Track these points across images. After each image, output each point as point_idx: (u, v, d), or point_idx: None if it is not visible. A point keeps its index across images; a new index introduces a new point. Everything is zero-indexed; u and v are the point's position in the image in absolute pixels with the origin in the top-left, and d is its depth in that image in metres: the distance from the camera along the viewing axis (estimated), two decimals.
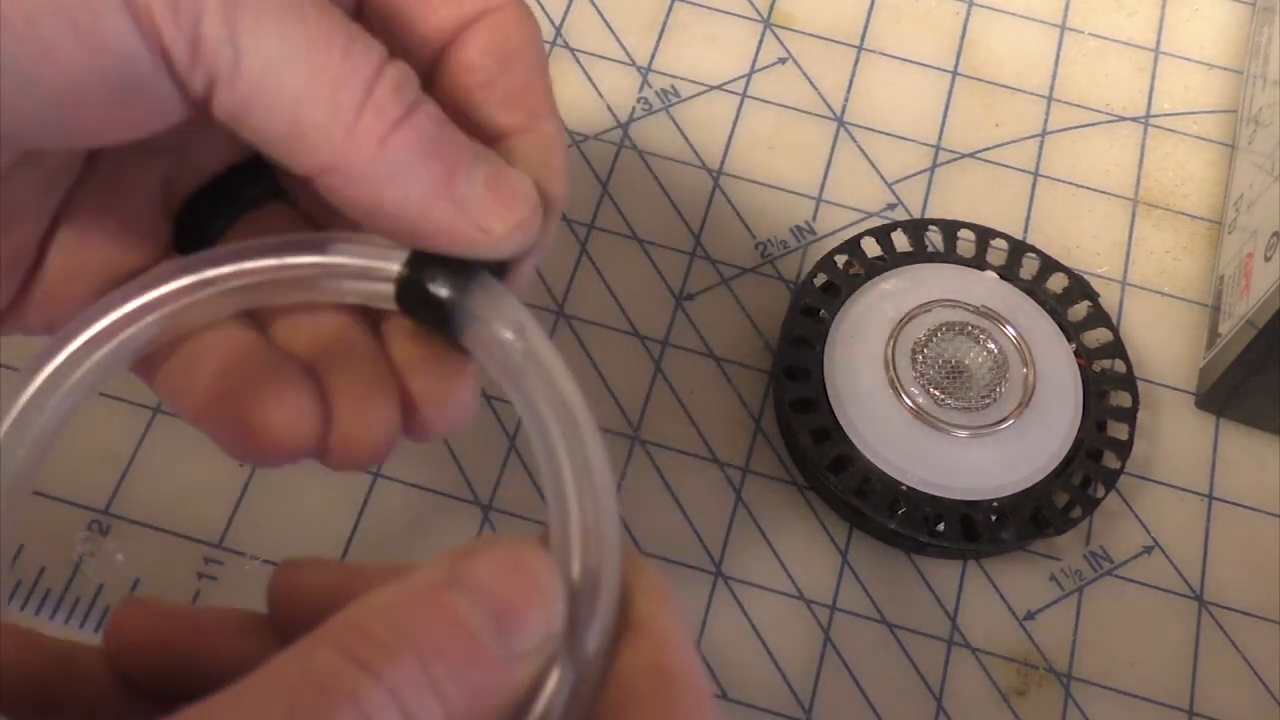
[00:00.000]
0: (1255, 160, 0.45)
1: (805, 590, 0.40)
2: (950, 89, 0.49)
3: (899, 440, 0.40)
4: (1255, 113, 0.47)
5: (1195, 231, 0.47)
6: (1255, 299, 0.40)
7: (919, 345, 0.41)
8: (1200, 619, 0.40)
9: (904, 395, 0.40)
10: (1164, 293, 0.46)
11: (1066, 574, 0.41)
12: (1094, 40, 0.51)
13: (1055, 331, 0.42)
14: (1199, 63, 0.51)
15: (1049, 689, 0.39)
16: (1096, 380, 0.42)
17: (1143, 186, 0.48)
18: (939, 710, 0.38)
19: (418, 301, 0.24)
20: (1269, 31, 0.48)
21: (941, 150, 0.48)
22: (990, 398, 0.40)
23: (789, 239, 0.45)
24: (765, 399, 0.43)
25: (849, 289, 0.42)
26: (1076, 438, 0.41)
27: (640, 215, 0.46)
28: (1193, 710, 0.39)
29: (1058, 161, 0.48)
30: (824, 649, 0.39)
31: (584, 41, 0.49)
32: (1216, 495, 0.42)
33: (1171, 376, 0.44)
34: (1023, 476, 0.40)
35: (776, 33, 0.50)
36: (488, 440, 0.41)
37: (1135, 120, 0.49)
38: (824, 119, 0.48)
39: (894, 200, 0.47)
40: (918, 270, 0.43)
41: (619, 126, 0.47)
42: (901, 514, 0.39)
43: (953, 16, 0.51)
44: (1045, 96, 0.49)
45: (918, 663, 0.39)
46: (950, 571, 0.40)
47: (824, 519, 0.41)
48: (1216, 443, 0.43)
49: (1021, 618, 0.40)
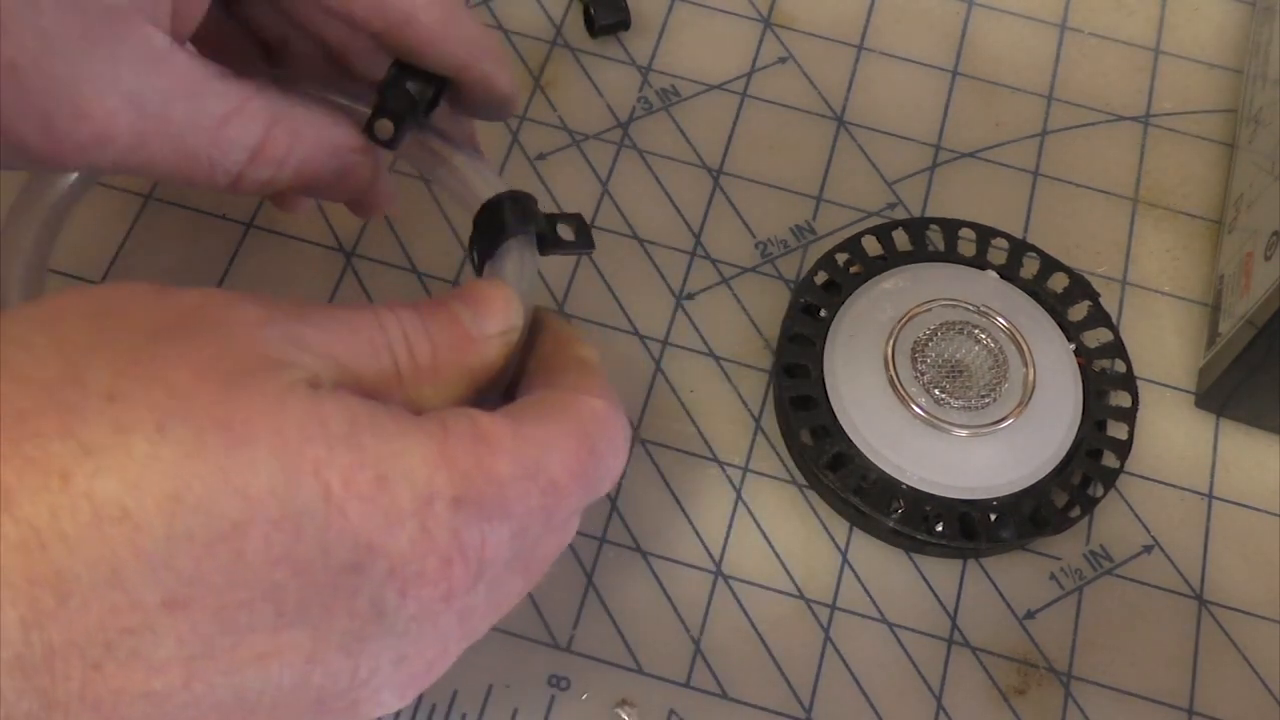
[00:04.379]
0: (1255, 160, 0.45)
1: (805, 590, 0.40)
2: (950, 89, 0.49)
3: (899, 439, 0.40)
4: (1255, 112, 0.47)
5: (1195, 231, 0.47)
6: (1255, 298, 0.40)
7: (919, 344, 0.41)
8: (1200, 618, 0.40)
9: (904, 394, 0.40)
10: (1164, 292, 0.46)
11: (1066, 573, 0.41)
12: (1094, 40, 0.51)
13: (1055, 331, 0.42)
14: (1199, 62, 0.51)
15: (1049, 688, 0.39)
16: (1096, 380, 0.42)
17: (1143, 186, 0.48)
18: (939, 709, 0.38)
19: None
20: (1269, 31, 0.48)
21: (942, 150, 0.48)
22: (990, 397, 0.40)
23: (789, 238, 0.46)
24: (765, 398, 0.43)
25: (849, 288, 0.42)
26: (1076, 437, 0.41)
27: (640, 215, 0.46)
28: (1193, 709, 0.39)
29: (1058, 161, 0.48)
30: (824, 648, 0.39)
31: (584, 41, 0.49)
32: (1216, 494, 0.42)
33: (1171, 376, 0.44)
34: (1022, 476, 0.40)
35: (776, 32, 0.50)
36: None
37: (1135, 120, 0.49)
38: (824, 119, 0.48)
39: (894, 199, 0.47)
40: (918, 269, 0.43)
41: (619, 126, 0.47)
42: (901, 513, 0.39)
43: (953, 16, 0.51)
44: (1045, 96, 0.49)
45: (918, 662, 0.39)
46: (950, 570, 0.40)
47: (824, 518, 0.41)
48: (1216, 442, 0.43)
49: (1021, 617, 0.40)
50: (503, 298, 0.30)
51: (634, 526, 0.40)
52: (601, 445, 0.29)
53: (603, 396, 0.29)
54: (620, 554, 0.40)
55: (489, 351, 0.29)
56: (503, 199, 0.33)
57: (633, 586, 0.39)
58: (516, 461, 0.27)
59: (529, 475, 0.27)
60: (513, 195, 0.33)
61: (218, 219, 0.44)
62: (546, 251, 0.33)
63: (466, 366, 0.29)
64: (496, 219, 0.33)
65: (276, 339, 0.25)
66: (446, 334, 0.28)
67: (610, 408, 0.29)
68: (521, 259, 0.32)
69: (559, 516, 0.28)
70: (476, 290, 0.30)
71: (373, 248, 0.44)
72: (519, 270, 0.32)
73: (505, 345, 0.30)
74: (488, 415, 0.27)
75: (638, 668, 0.38)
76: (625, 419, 0.30)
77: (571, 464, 0.28)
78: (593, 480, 0.29)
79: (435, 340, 0.28)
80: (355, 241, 0.44)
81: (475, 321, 0.29)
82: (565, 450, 0.28)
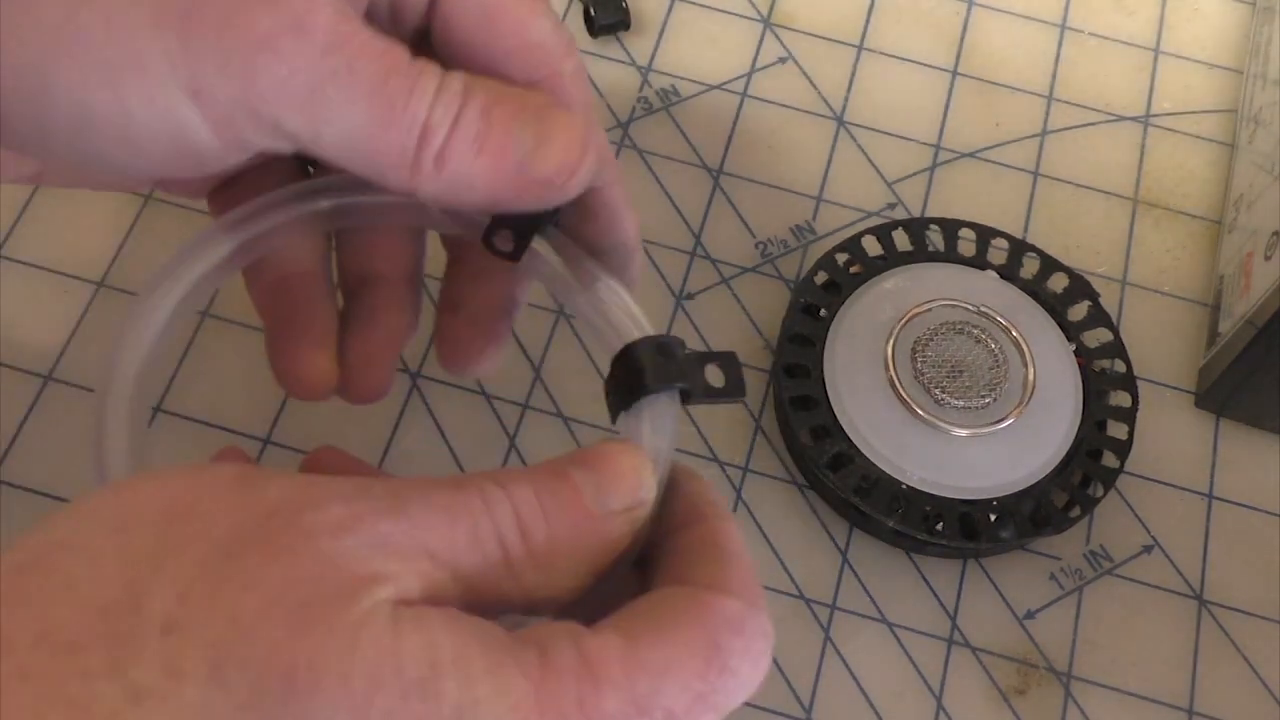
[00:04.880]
0: (1255, 160, 0.45)
1: (805, 590, 0.40)
2: (950, 89, 0.49)
3: (899, 439, 0.40)
4: (1255, 112, 0.47)
5: (1195, 231, 0.47)
6: (1255, 298, 0.40)
7: (919, 344, 0.41)
8: (1200, 618, 0.40)
9: (904, 394, 0.40)
10: (1164, 292, 0.46)
11: (1066, 573, 0.41)
12: (1094, 40, 0.51)
13: (1055, 331, 0.42)
14: (1199, 62, 0.51)
15: (1049, 688, 0.39)
16: (1096, 380, 0.42)
17: (1143, 186, 0.48)
18: (939, 709, 0.38)
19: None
20: (1269, 31, 0.48)
21: (942, 150, 0.48)
22: (990, 397, 0.40)
23: (789, 238, 0.46)
24: (765, 398, 0.43)
25: (849, 288, 0.42)
26: (1076, 437, 0.41)
27: (640, 215, 0.45)
28: (1192, 710, 0.39)
29: (1058, 161, 0.48)
30: (824, 649, 0.39)
31: (584, 41, 0.49)
32: (1216, 495, 0.42)
33: (1171, 376, 0.44)
34: (1022, 476, 0.40)
35: (776, 32, 0.50)
36: (489, 439, 0.41)
37: (1135, 120, 0.49)
38: (824, 118, 0.48)
39: (894, 199, 0.47)
40: (918, 269, 0.43)
41: (619, 126, 0.47)
42: (901, 513, 0.39)
43: (953, 16, 0.51)
44: (1045, 96, 0.49)
45: (918, 662, 0.39)
46: (950, 571, 0.40)
47: (824, 518, 0.41)
48: (1216, 442, 0.43)
49: (1021, 617, 0.40)
50: (633, 468, 0.26)
51: None
52: (735, 660, 0.24)
53: (742, 595, 0.25)
54: None
55: (613, 531, 0.26)
56: (643, 348, 0.29)
57: None
58: (627, 697, 0.23)
59: (641, 712, 0.23)
60: (658, 343, 0.29)
61: None
62: (691, 403, 0.29)
63: (586, 549, 0.25)
64: (635, 370, 0.28)
65: (362, 549, 0.23)
66: (566, 513, 0.25)
67: (748, 611, 0.25)
68: (659, 418, 0.28)
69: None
70: (603, 457, 0.26)
71: None
72: (655, 431, 0.28)
73: (632, 523, 0.26)
74: (597, 638, 0.23)
75: None
76: (767, 621, 0.25)
77: (696, 689, 0.24)
78: (722, 702, 0.25)
79: (552, 520, 0.25)
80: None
81: (599, 497, 0.25)
82: (689, 672, 0.24)
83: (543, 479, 0.25)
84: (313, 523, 0.23)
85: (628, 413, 0.28)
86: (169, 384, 0.41)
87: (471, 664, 0.22)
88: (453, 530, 0.24)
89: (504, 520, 0.24)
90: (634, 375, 0.28)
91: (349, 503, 0.23)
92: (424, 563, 0.23)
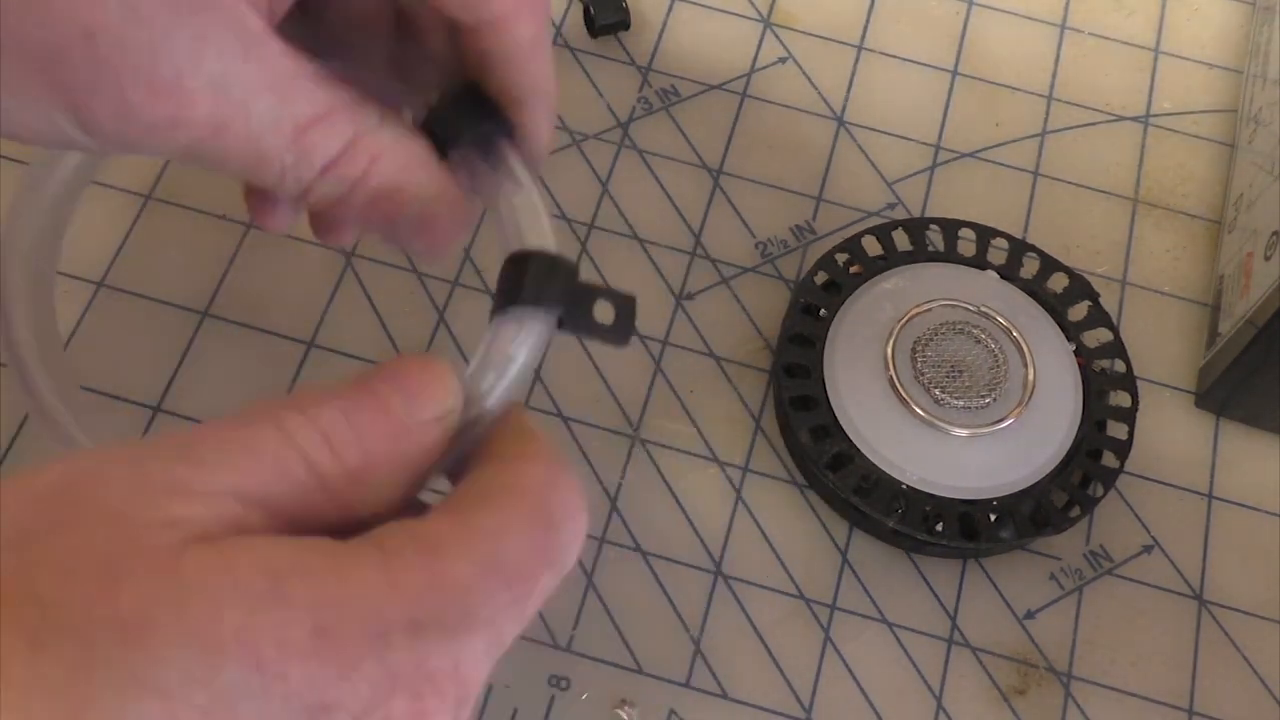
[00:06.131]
0: (1255, 160, 0.45)
1: (805, 590, 0.40)
2: (950, 89, 0.49)
3: (899, 439, 0.40)
4: (1255, 112, 0.47)
5: (1195, 231, 0.47)
6: (1255, 298, 0.40)
7: (919, 344, 0.41)
8: (1200, 618, 0.40)
9: (904, 394, 0.40)
10: (1164, 292, 0.46)
11: (1066, 573, 0.41)
12: (1094, 40, 0.51)
13: (1055, 331, 0.42)
14: (1199, 62, 0.51)
15: (1049, 688, 0.39)
16: (1096, 380, 0.42)
17: (1143, 186, 0.48)
18: (939, 709, 0.38)
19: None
20: (1269, 31, 0.48)
21: (941, 150, 0.48)
22: (990, 397, 0.40)
23: (789, 238, 0.46)
24: (765, 398, 0.43)
25: (849, 287, 0.42)
26: (1076, 437, 0.41)
27: (640, 215, 0.46)
28: (1192, 709, 0.39)
29: (1058, 161, 0.48)
30: (824, 648, 0.39)
31: (584, 41, 0.49)
32: (1216, 495, 0.42)
33: (1171, 376, 0.44)
34: (1022, 476, 0.40)
35: (776, 32, 0.50)
36: None
37: (1135, 120, 0.49)
38: (824, 118, 0.48)
39: (894, 199, 0.47)
40: (918, 269, 0.43)
41: (619, 126, 0.47)
42: (901, 513, 0.39)
43: (953, 16, 0.51)
44: (1045, 96, 0.49)
45: (917, 662, 0.39)
46: (950, 570, 0.40)
47: (824, 518, 0.41)
48: (1216, 442, 0.43)
49: (1021, 617, 0.40)
50: (436, 379, 0.26)
51: (634, 526, 0.40)
52: (557, 515, 0.25)
53: (544, 459, 0.26)
54: (620, 554, 0.40)
55: (427, 438, 0.26)
56: (535, 260, 0.29)
57: (633, 586, 0.39)
58: (471, 560, 0.24)
59: (489, 571, 0.24)
60: (552, 261, 0.29)
61: (218, 219, 0.44)
62: (568, 331, 0.29)
63: (403, 458, 0.26)
64: (518, 279, 0.28)
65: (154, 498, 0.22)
66: (377, 427, 0.25)
67: (555, 470, 0.26)
68: (525, 331, 0.28)
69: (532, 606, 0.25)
70: (406, 371, 0.26)
71: (373, 248, 0.44)
72: (517, 343, 0.28)
73: (445, 429, 0.26)
74: (428, 521, 0.24)
75: (637, 668, 0.38)
76: (574, 477, 0.26)
77: (536, 542, 0.25)
78: (557, 555, 0.26)
79: (364, 435, 0.25)
80: (355, 242, 0.44)
81: (408, 408, 0.26)
82: (521, 531, 0.25)
83: (351, 397, 0.25)
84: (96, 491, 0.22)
85: (501, 317, 0.28)
86: (169, 384, 0.41)
87: (312, 567, 0.22)
88: (257, 464, 0.24)
89: (310, 445, 0.24)
90: (514, 283, 0.28)
91: (131, 463, 0.23)
92: (227, 501, 0.23)
